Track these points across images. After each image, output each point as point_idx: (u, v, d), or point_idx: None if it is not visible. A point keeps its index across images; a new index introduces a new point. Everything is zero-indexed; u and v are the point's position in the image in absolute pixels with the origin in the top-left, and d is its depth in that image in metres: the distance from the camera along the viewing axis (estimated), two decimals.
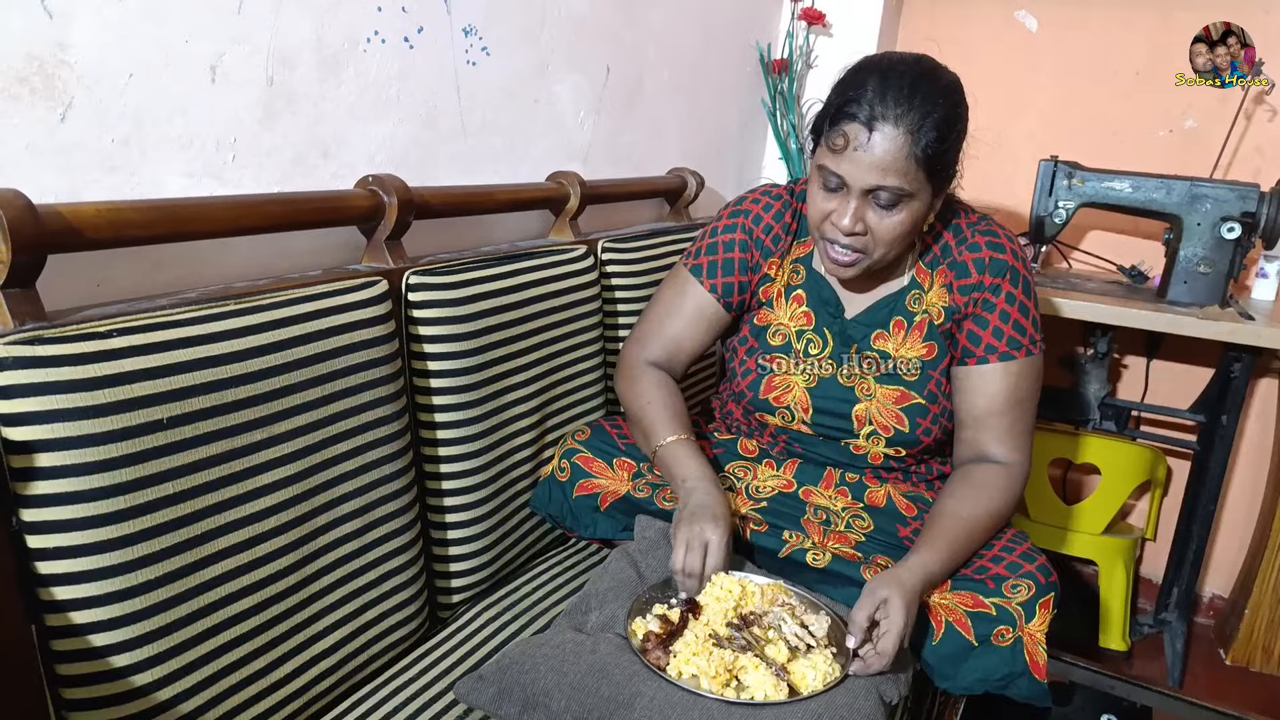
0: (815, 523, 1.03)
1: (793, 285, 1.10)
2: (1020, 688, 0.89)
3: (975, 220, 1.06)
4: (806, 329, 1.09)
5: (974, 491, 0.99)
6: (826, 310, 1.08)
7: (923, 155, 0.90)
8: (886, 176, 0.90)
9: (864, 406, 1.05)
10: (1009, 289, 1.02)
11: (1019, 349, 1.02)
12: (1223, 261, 1.56)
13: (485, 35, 1.16)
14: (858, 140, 0.90)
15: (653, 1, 1.49)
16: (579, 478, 1.08)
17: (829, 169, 0.93)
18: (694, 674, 0.79)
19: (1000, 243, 1.04)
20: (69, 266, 0.73)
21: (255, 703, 0.77)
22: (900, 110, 0.89)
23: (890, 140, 0.89)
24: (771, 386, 1.08)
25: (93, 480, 0.64)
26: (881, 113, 0.89)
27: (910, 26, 2.02)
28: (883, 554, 0.98)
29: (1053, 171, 1.63)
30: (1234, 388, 1.59)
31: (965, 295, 1.03)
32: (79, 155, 0.76)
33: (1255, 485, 1.86)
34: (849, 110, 0.91)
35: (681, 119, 1.66)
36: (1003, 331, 1.02)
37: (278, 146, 0.92)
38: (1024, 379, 1.03)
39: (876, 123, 0.89)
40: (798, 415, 1.07)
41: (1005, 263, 1.03)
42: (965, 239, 1.05)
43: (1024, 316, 1.03)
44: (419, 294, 0.96)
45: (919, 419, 1.04)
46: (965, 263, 1.03)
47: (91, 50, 0.74)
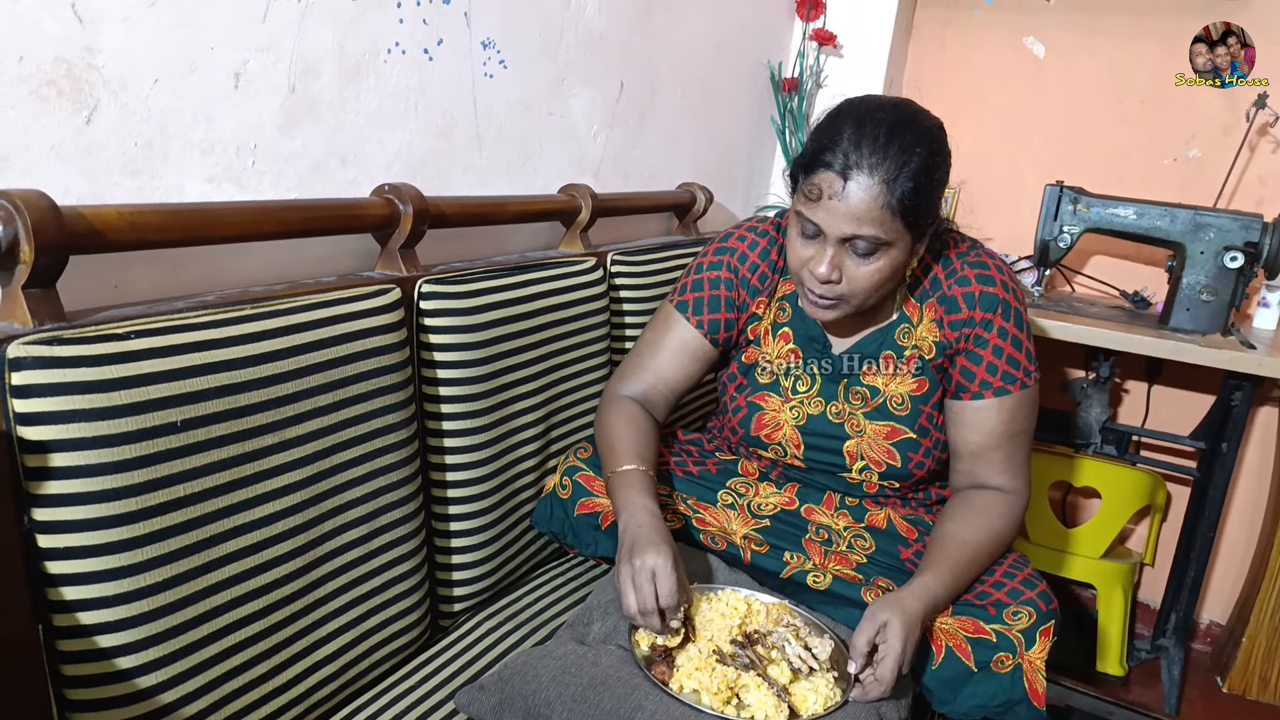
0: (817, 542, 1.02)
1: (779, 323, 1.08)
2: (1019, 714, 0.89)
3: (965, 250, 1.03)
4: (794, 368, 1.07)
5: (975, 516, 0.98)
6: (814, 347, 1.06)
7: (899, 205, 0.87)
8: (862, 226, 0.88)
9: (854, 443, 1.04)
10: (1000, 323, 1.00)
11: (1014, 383, 1.00)
12: (1225, 290, 1.57)
13: (503, 49, 1.17)
14: (832, 189, 0.88)
15: (667, 19, 1.50)
16: (580, 496, 1.08)
17: (805, 216, 0.92)
18: (695, 689, 0.79)
19: (989, 275, 1.01)
20: (88, 267, 0.74)
21: (258, 707, 0.77)
22: (875, 160, 0.87)
23: (865, 190, 0.87)
24: (762, 424, 1.07)
25: (106, 481, 0.65)
26: (856, 161, 0.87)
27: (919, 50, 2.04)
28: (883, 576, 0.98)
29: (1058, 196, 1.64)
30: (1235, 415, 1.59)
31: (956, 331, 1.01)
32: (103, 158, 0.76)
33: (1254, 513, 1.87)
34: (824, 159, 0.89)
35: (692, 135, 1.67)
36: (996, 367, 1.00)
37: (297, 153, 0.93)
38: (1020, 412, 1.01)
39: (851, 172, 0.87)
40: (790, 451, 1.07)
41: (996, 296, 1.00)
42: (955, 271, 1.01)
43: (1017, 350, 1.01)
44: (431, 302, 0.97)
45: (910, 453, 1.03)
46: (955, 297, 1.01)
47: (119, 55, 0.75)
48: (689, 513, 1.04)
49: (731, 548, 1.01)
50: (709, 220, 1.69)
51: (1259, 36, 1.68)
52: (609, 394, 1.11)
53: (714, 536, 1.03)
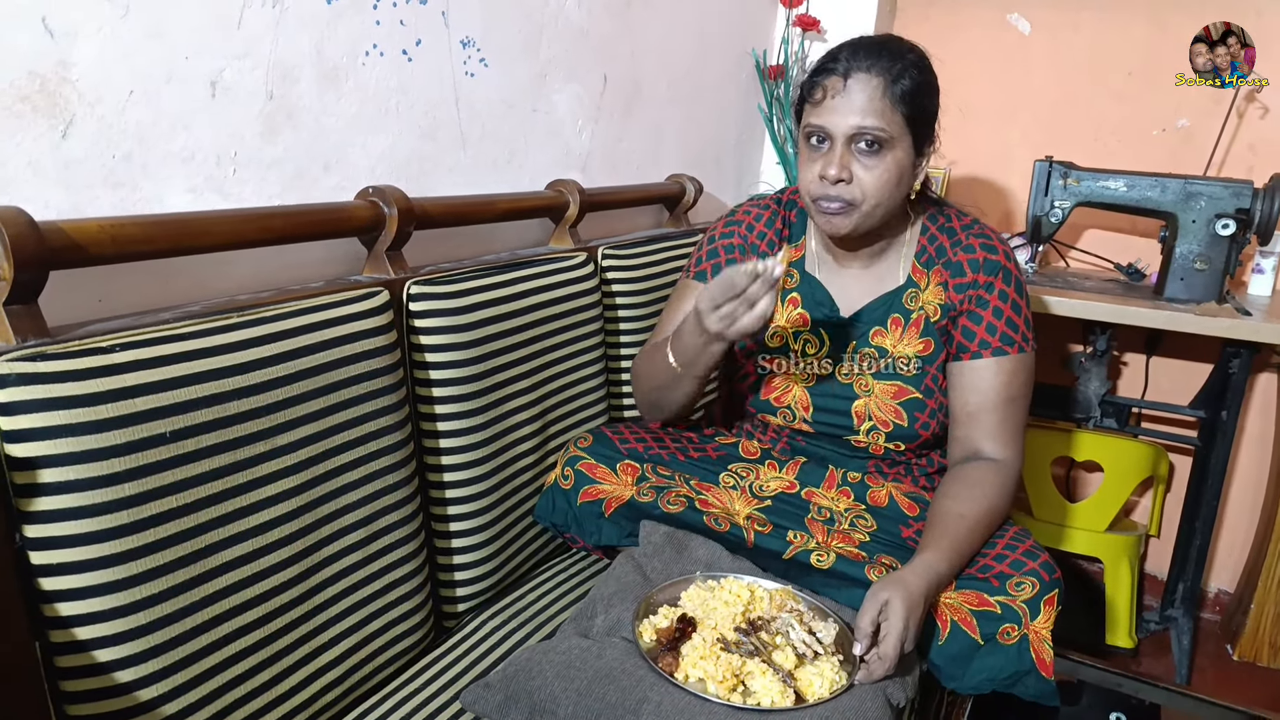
0: (819, 521, 1.03)
1: (787, 289, 1.13)
2: (1027, 686, 0.89)
3: (969, 223, 1.10)
4: (803, 330, 1.11)
5: (969, 490, 1.00)
6: (822, 310, 1.11)
7: (899, 97, 0.96)
8: (866, 117, 0.96)
9: (863, 403, 1.07)
10: (1002, 287, 1.05)
11: (1012, 345, 1.04)
12: (1219, 258, 1.56)
13: (483, 47, 1.16)
14: (835, 89, 0.97)
15: (649, 12, 1.50)
16: (583, 484, 1.08)
17: (812, 124, 0.99)
18: (701, 677, 0.79)
19: (993, 244, 1.08)
20: (72, 282, 0.74)
21: (263, 715, 0.77)
22: (873, 60, 0.96)
23: (866, 84, 0.96)
24: (771, 387, 1.10)
25: (96, 495, 0.64)
26: (856, 64, 0.96)
27: (904, 31, 2.02)
28: (886, 554, 0.99)
29: (1048, 171, 1.64)
30: (1233, 383, 1.59)
31: (961, 293, 1.06)
32: (81, 171, 0.76)
33: (1258, 480, 1.86)
34: (825, 66, 0.98)
35: (679, 126, 1.67)
36: (996, 328, 1.05)
37: (279, 160, 0.93)
38: (1016, 376, 1.05)
39: (852, 72, 0.96)
40: (798, 414, 1.09)
41: (999, 263, 1.06)
42: (959, 240, 1.08)
43: (1016, 314, 1.06)
44: (420, 304, 0.97)
45: (917, 413, 1.06)
46: (960, 262, 1.07)
47: (93, 68, 0.75)
48: (691, 494, 1.05)
49: (735, 529, 1.02)
50: (699, 211, 1.68)
51: (1246, 6, 1.67)
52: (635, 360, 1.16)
53: (717, 518, 1.03)
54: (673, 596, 0.91)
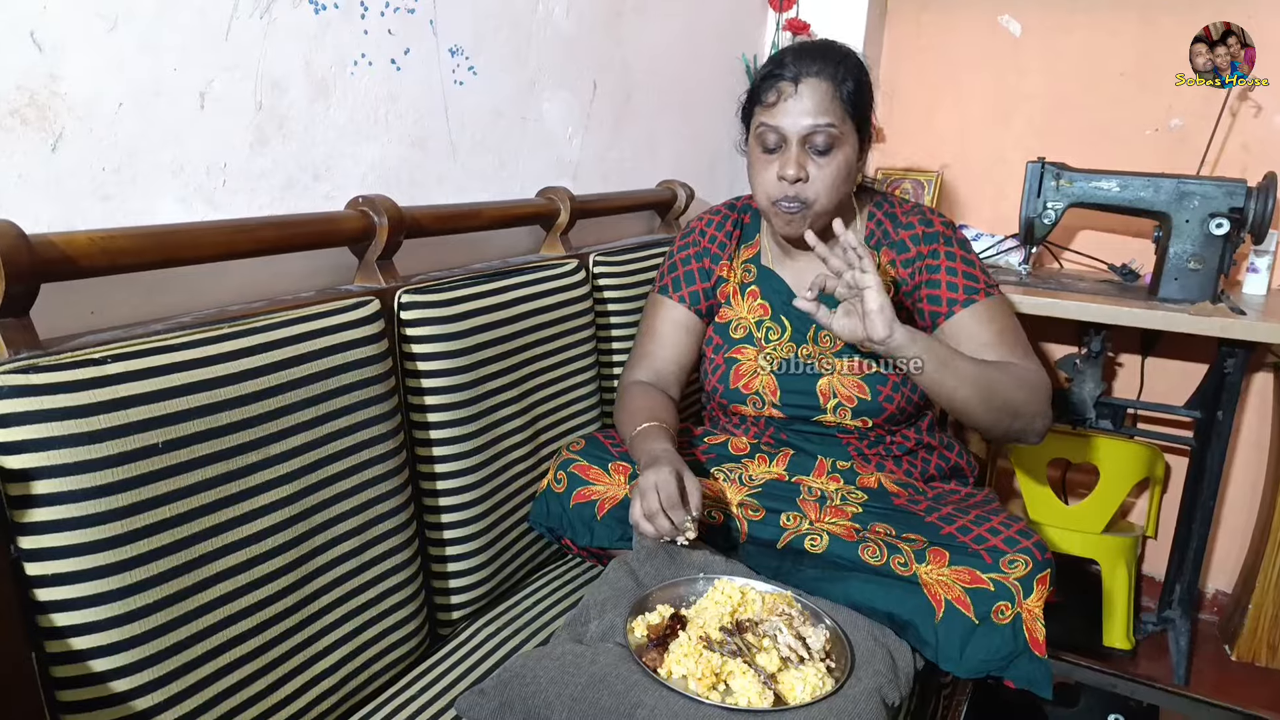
0: (811, 500, 1.05)
1: (746, 283, 1.20)
2: (1021, 666, 0.89)
3: (909, 208, 1.17)
4: (765, 319, 1.17)
5: (1000, 364, 1.05)
6: (779, 299, 1.16)
7: (846, 98, 1.03)
8: (819, 116, 1.02)
9: (826, 380, 1.12)
10: (945, 249, 1.12)
11: (977, 293, 1.10)
12: (1213, 257, 1.57)
13: (472, 56, 1.17)
14: (787, 93, 1.03)
15: (639, 19, 1.50)
16: (576, 486, 1.09)
17: (767, 125, 1.05)
18: (684, 675, 0.79)
19: (929, 219, 1.15)
20: (63, 295, 0.74)
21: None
22: (819, 65, 1.03)
23: (815, 88, 1.03)
24: (739, 375, 1.16)
25: (90, 506, 0.65)
26: (804, 68, 1.03)
27: (894, 35, 2.04)
28: (880, 522, 0.99)
29: (1040, 173, 1.64)
30: (1229, 383, 1.59)
31: (908, 267, 1.13)
32: (71, 184, 0.77)
33: (1254, 480, 1.86)
34: (775, 73, 1.04)
35: (670, 132, 1.67)
36: (956, 284, 1.10)
37: (269, 170, 0.93)
38: (998, 316, 1.10)
39: (801, 75, 1.03)
40: (767, 400, 1.13)
41: (937, 231, 1.13)
42: (900, 221, 1.15)
43: (970, 267, 1.12)
44: (411, 312, 0.97)
45: (879, 386, 1.10)
46: (903, 240, 1.14)
47: (82, 81, 0.76)
48: None
49: (729, 520, 1.03)
50: (691, 216, 1.69)
51: (1236, 6, 1.68)
52: (621, 386, 1.20)
53: (710, 510, 1.03)
54: (673, 597, 0.91)
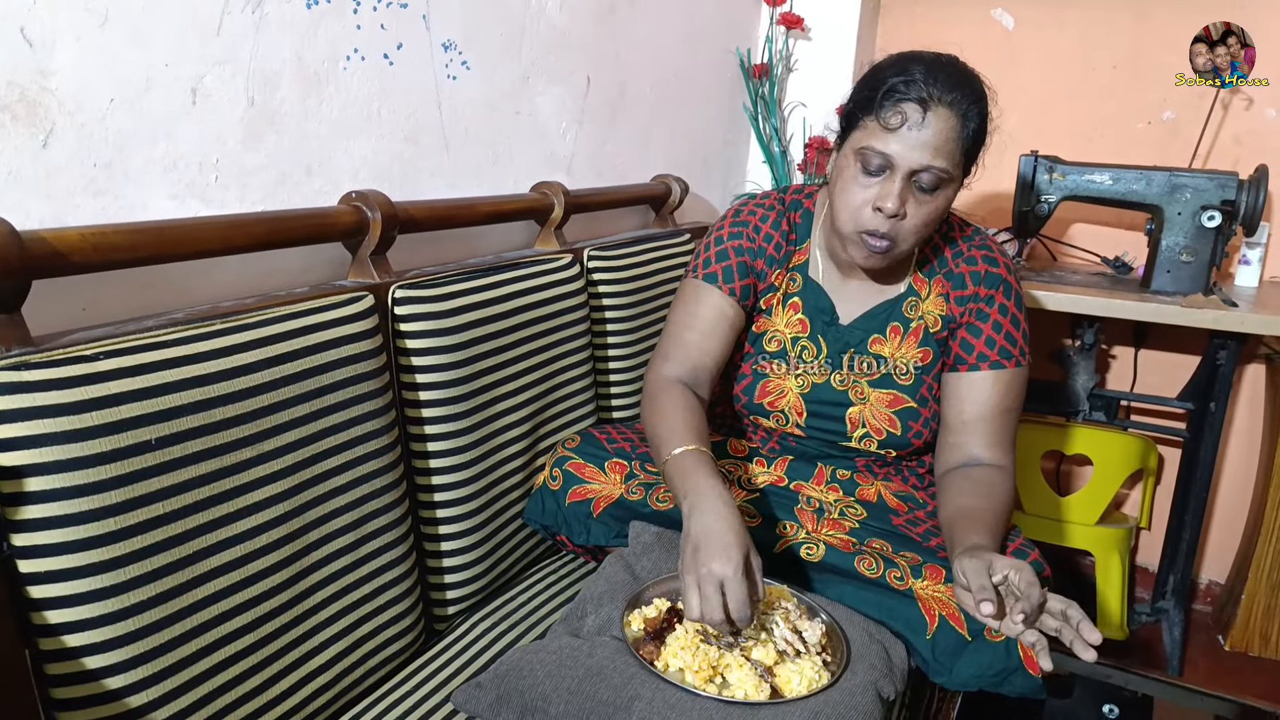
0: (809, 511, 1.03)
1: (790, 293, 1.11)
2: (1014, 684, 0.88)
3: (970, 234, 1.10)
4: (801, 336, 1.10)
5: (983, 488, 1.00)
6: (821, 318, 1.10)
7: (970, 140, 0.93)
8: (937, 157, 0.91)
9: (857, 410, 1.07)
10: (1002, 300, 1.06)
11: (1009, 359, 1.05)
12: (1205, 250, 1.57)
13: (465, 50, 1.17)
14: (913, 119, 0.91)
15: (632, 13, 1.50)
16: (571, 484, 1.08)
17: (874, 149, 0.93)
18: (680, 667, 0.80)
19: (995, 257, 1.08)
20: (55, 291, 0.74)
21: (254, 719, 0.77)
22: (954, 95, 0.91)
23: (944, 121, 0.91)
24: (766, 391, 1.10)
25: (83, 503, 0.64)
26: (937, 95, 0.91)
27: (888, 29, 2.04)
28: (877, 539, 0.99)
29: (1033, 166, 1.64)
30: (1221, 375, 1.60)
31: (961, 305, 1.07)
32: (63, 180, 0.76)
33: (1247, 471, 1.87)
34: (902, 90, 0.91)
35: (664, 126, 1.67)
36: (995, 341, 1.05)
37: (261, 166, 0.93)
38: (1011, 389, 1.06)
39: (931, 104, 0.90)
40: (791, 419, 1.09)
41: (1000, 276, 1.07)
42: (961, 252, 1.08)
43: (1015, 329, 1.07)
44: (405, 308, 0.97)
45: (911, 422, 1.06)
46: (962, 274, 1.07)
47: (73, 76, 0.75)
48: None
49: None
50: (685, 211, 1.69)
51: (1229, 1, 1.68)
52: (654, 380, 1.05)
53: None
54: (669, 591, 0.91)
